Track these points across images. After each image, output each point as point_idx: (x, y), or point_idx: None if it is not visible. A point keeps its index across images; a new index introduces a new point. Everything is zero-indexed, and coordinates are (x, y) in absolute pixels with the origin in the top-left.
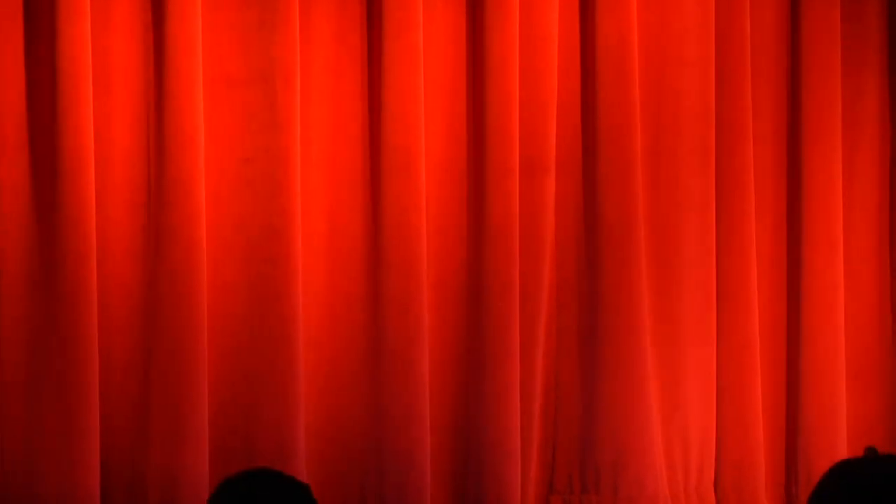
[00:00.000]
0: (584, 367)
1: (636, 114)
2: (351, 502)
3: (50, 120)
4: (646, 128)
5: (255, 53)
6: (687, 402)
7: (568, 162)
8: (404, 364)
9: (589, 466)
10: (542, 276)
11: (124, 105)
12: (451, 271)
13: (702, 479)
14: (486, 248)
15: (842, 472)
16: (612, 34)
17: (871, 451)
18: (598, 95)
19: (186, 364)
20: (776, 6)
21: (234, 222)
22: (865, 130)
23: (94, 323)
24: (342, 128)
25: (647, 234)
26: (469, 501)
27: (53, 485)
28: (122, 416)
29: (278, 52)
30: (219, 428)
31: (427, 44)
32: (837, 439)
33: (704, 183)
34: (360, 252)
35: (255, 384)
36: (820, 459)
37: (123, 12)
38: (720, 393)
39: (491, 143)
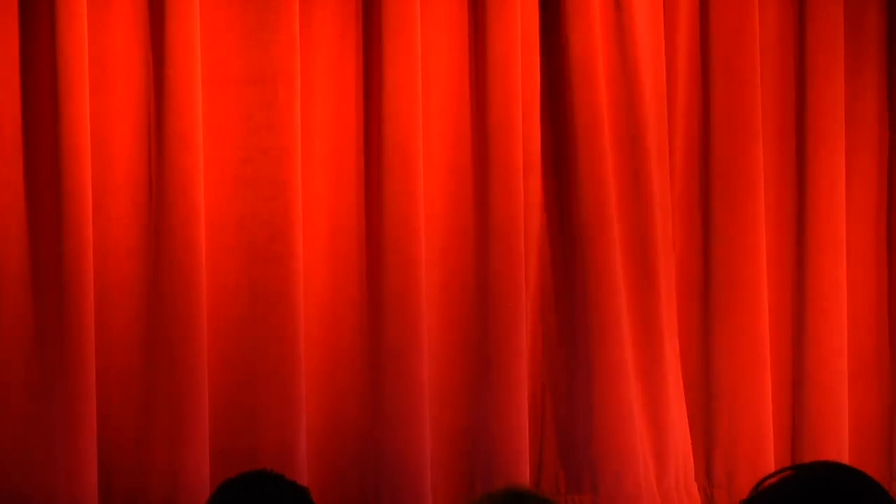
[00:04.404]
0: (569, 367)
1: (644, 114)
2: (351, 502)
3: (48, 120)
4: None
5: (255, 53)
6: (673, 401)
7: (557, 162)
8: (403, 364)
9: (575, 466)
10: (528, 276)
11: (124, 104)
12: (457, 272)
13: (687, 477)
14: (490, 248)
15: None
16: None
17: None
18: (597, 93)
19: (187, 364)
20: (781, 7)
21: (235, 222)
22: (865, 131)
23: (91, 323)
24: (341, 127)
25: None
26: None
27: (50, 486)
28: (123, 417)
29: (278, 51)
30: (220, 429)
31: (428, 42)
32: (840, 439)
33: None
34: (360, 252)
35: (256, 384)
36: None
37: (123, 12)
38: (723, 393)
39: (494, 141)
